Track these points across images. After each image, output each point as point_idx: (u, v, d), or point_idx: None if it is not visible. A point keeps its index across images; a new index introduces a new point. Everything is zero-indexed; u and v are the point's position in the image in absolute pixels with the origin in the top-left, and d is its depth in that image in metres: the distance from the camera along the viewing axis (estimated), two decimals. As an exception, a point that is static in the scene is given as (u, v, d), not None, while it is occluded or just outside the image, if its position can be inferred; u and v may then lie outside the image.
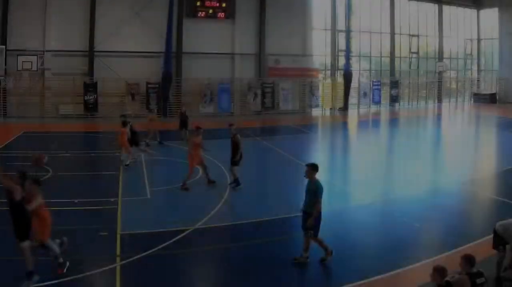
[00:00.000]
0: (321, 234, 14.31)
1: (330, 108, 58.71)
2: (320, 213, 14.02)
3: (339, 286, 12.95)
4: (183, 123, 34.23)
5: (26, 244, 12.31)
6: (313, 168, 14.44)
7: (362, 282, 13.01)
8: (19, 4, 46.73)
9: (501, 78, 68.43)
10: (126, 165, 27.00)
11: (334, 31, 59.96)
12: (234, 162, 22.22)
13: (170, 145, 34.43)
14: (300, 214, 14.52)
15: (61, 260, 13.23)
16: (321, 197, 14.06)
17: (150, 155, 29.62)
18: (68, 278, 12.80)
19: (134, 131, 28.51)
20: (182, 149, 28.41)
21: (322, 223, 14.17)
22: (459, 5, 69.32)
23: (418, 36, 66.03)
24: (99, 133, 38.07)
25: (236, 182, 22.06)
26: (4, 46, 43.54)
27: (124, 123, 27.80)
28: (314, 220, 13.92)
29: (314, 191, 14.12)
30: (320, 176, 14.25)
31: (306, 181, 14.15)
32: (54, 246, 13.29)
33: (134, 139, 28.36)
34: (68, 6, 47.94)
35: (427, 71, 68.90)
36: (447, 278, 9.94)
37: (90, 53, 48.61)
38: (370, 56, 64.53)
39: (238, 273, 13.85)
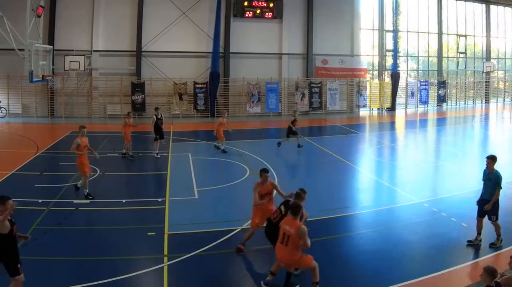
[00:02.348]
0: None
1: (378, 108, 55.36)
2: (498, 200, 14.79)
3: (387, 286, 12.40)
4: (291, 130, 30.81)
5: None
6: (493, 159, 15.20)
7: (410, 282, 12.63)
8: (66, 4, 44.74)
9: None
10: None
11: (381, 31, 56.10)
12: None
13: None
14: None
15: None
16: (500, 186, 14.79)
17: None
18: (117, 278, 12.40)
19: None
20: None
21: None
22: (507, 4, 64.23)
23: (465, 36, 61.47)
24: (147, 133, 34.87)
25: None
26: (51, 46, 40.57)
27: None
28: (493, 206, 14.70)
29: (495, 181, 14.81)
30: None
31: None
32: None
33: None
34: (115, 6, 45.83)
35: (474, 71, 64.34)
36: (496, 279, 9.65)
37: (138, 53, 46.14)
38: (418, 56, 60.56)
39: (285, 273, 12.66)
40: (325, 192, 21.21)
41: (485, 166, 15.31)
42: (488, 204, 14.68)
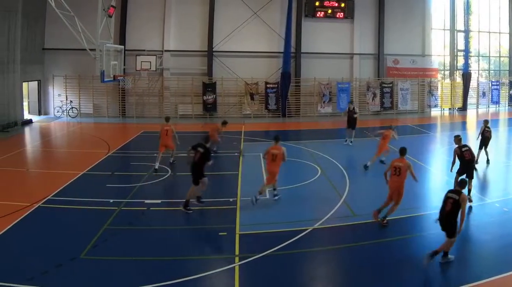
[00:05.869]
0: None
1: (449, 108, 48.62)
2: None
3: (458, 286, 11.13)
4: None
5: None
6: None
7: (481, 282, 11.35)
8: (138, 4, 40.48)
9: None
10: None
11: (453, 31, 49.18)
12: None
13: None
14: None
15: None
16: None
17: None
18: (189, 278, 11.42)
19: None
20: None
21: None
22: None
23: (537, 35, 53.07)
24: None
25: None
26: (123, 46, 36.45)
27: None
28: None
29: None
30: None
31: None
32: None
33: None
34: (186, 6, 41.23)
35: (546, 71, 55.68)
36: None
37: (209, 53, 41.13)
38: (489, 56, 52.94)
39: (358, 273, 12.05)
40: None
41: None
42: None
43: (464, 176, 16.72)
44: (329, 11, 43.87)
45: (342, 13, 44.10)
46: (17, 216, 15.58)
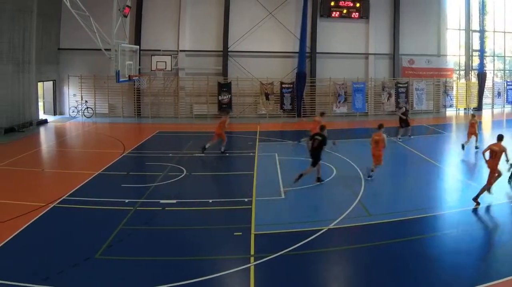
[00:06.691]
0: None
1: (464, 108, 47.50)
2: None
3: (475, 286, 10.69)
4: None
5: None
6: None
7: (498, 281, 11.00)
8: (153, 5, 39.83)
9: None
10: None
11: (468, 31, 48.07)
12: None
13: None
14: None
15: None
16: None
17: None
18: (203, 278, 11.22)
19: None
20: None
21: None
22: None
23: (553, 35, 51.73)
24: (233, 134, 32.26)
25: None
26: (138, 46, 35.57)
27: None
28: None
29: None
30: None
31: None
32: None
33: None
34: (201, 6, 40.53)
35: (562, 71, 54.15)
36: None
37: (224, 53, 40.32)
38: (504, 56, 51.74)
39: (373, 274, 11.69)
40: (413, 191, 19.48)
41: None
42: None
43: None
44: (344, 11, 43.02)
45: (357, 13, 43.24)
46: (32, 216, 15.29)
